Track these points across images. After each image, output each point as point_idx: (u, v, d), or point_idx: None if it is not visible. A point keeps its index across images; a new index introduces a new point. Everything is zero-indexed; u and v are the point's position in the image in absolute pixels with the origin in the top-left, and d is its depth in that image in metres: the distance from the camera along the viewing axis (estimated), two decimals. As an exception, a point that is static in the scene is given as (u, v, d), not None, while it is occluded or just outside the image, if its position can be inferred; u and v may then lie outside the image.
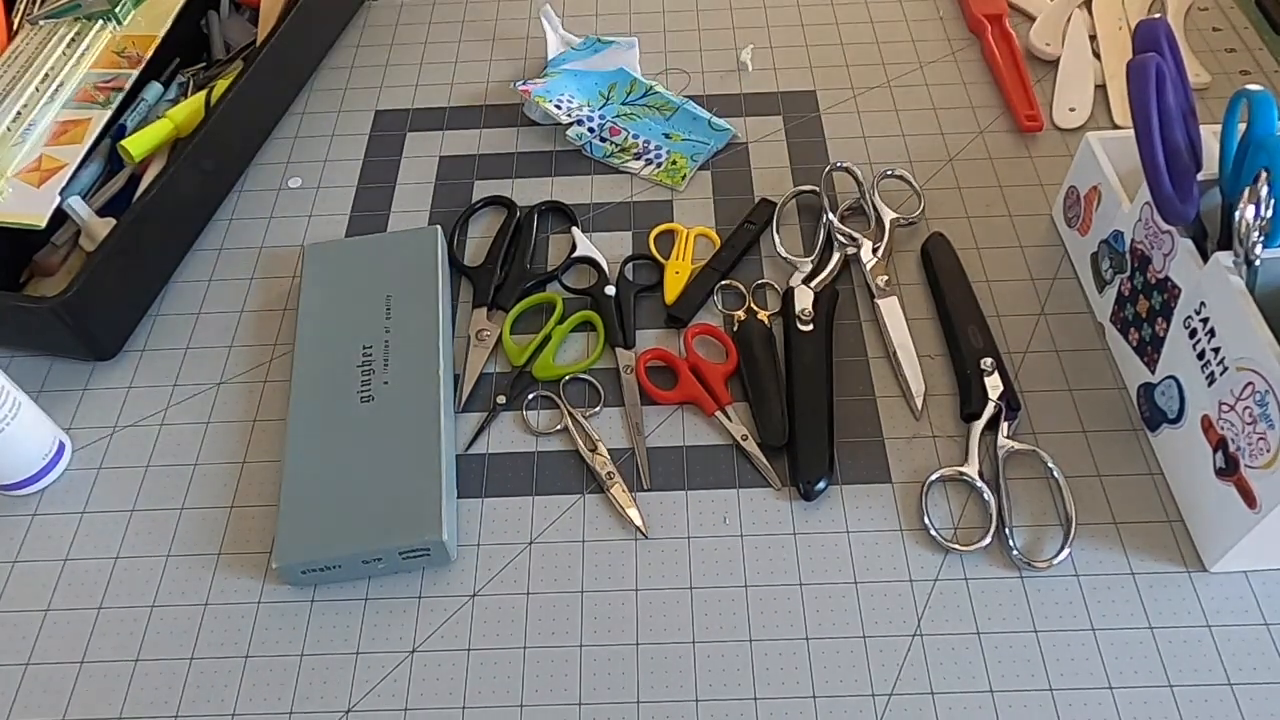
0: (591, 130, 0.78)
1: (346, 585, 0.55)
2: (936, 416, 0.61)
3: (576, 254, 0.70)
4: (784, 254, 0.68)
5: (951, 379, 0.62)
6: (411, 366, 0.61)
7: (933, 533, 0.55)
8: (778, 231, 0.70)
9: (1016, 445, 0.58)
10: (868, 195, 0.71)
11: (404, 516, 0.55)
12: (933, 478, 0.57)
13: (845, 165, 0.73)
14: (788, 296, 0.66)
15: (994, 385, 0.60)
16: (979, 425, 0.59)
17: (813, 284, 0.66)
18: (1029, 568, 0.54)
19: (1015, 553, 0.54)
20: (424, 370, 0.61)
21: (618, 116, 0.79)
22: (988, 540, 0.55)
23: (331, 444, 0.58)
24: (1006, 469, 0.57)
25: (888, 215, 0.70)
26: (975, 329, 0.63)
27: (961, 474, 0.57)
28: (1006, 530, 0.55)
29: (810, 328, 0.63)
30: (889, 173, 0.73)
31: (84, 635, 0.54)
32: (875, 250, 0.68)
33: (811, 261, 0.68)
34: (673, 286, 0.68)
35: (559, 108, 0.78)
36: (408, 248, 0.68)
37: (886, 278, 0.67)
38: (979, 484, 0.57)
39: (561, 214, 0.74)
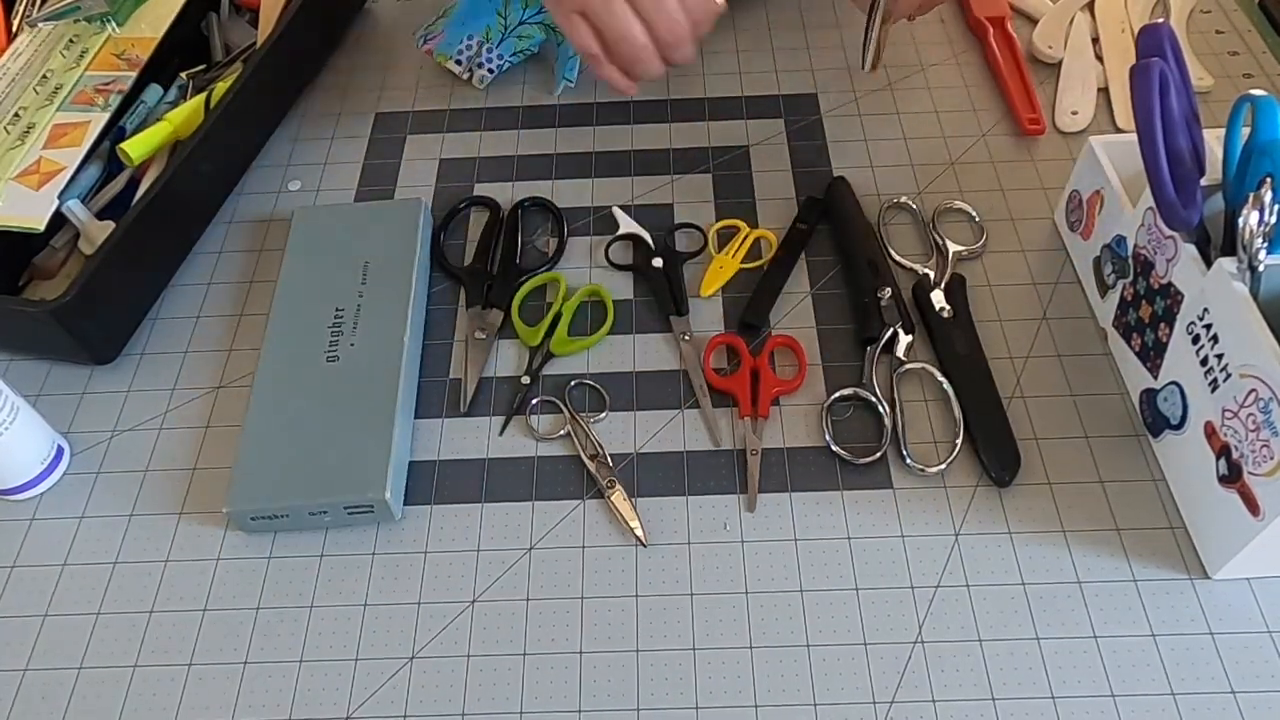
0: (491, 71, 0.80)
1: (346, 592, 0.55)
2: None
3: (620, 232, 0.71)
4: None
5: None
6: (378, 330, 0.63)
7: (834, 448, 0.59)
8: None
9: (909, 365, 0.62)
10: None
11: (351, 473, 0.56)
12: (834, 397, 0.61)
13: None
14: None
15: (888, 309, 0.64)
16: (875, 349, 0.63)
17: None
18: (921, 475, 0.58)
19: (909, 461, 0.58)
20: (389, 334, 0.63)
21: (517, 37, 0.80)
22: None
23: (293, 400, 0.60)
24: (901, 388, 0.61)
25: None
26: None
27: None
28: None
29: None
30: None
31: (83, 640, 0.54)
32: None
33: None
34: (712, 279, 0.68)
35: (459, 63, 0.80)
36: (391, 217, 0.70)
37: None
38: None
39: (545, 210, 0.73)
